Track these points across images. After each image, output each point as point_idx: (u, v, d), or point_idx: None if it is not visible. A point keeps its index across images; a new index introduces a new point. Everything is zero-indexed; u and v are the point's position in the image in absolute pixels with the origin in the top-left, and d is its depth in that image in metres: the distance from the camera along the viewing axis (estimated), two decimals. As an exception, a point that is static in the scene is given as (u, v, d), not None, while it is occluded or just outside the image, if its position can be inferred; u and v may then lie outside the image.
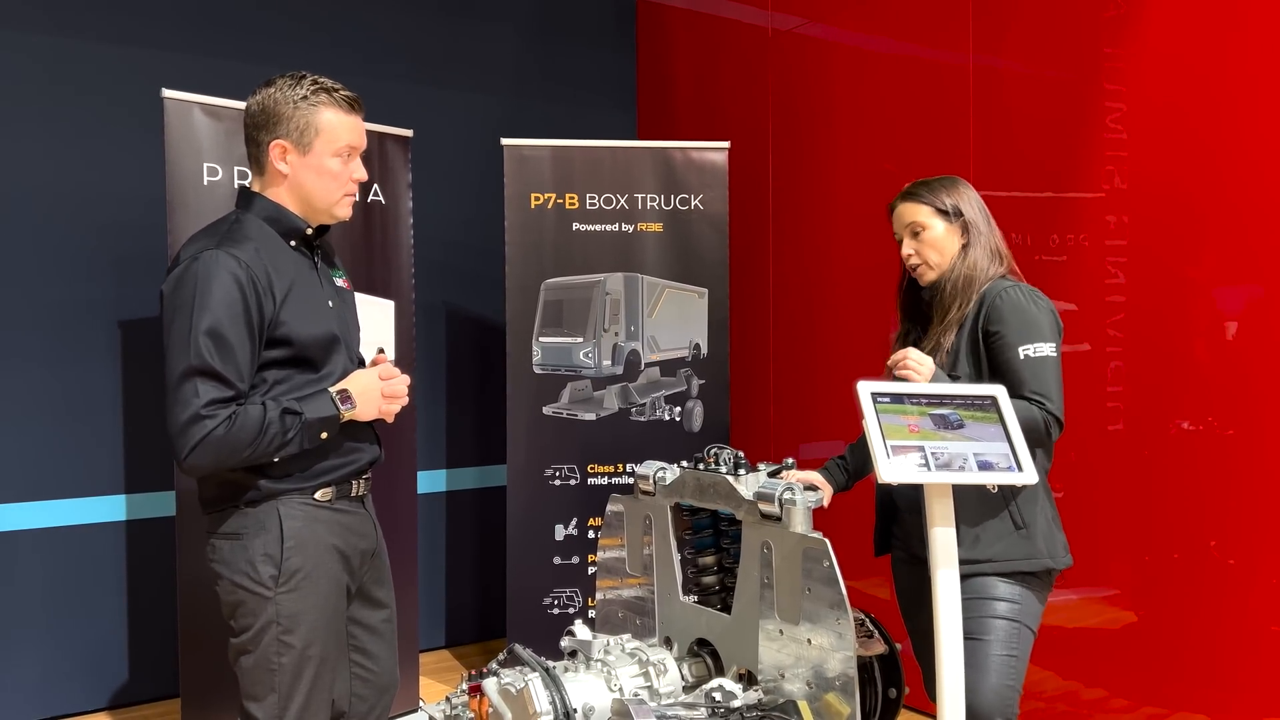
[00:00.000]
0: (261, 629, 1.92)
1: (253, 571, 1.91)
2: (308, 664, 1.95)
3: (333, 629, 2.00)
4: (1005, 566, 2.05)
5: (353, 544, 2.04)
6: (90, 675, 3.54)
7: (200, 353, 1.81)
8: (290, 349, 1.92)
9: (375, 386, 1.99)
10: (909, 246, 2.21)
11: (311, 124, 1.94)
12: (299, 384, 1.94)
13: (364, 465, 2.06)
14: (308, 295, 1.97)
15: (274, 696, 1.94)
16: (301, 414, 1.89)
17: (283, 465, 1.92)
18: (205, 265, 1.84)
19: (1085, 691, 3.03)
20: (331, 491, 1.99)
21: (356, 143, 2.00)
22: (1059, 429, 2.04)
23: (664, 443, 3.66)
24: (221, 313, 1.82)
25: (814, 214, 3.93)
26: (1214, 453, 2.72)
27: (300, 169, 1.96)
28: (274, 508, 1.92)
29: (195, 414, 1.81)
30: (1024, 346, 2.03)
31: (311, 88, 1.95)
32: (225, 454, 1.83)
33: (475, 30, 4.37)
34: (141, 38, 3.61)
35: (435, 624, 4.29)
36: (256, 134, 1.96)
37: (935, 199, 2.18)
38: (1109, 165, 2.97)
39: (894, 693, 2.08)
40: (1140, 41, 2.88)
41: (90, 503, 3.53)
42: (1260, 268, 2.63)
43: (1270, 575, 2.61)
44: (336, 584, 2.00)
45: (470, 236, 4.27)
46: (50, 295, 3.46)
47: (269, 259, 1.91)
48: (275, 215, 1.97)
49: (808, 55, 3.95)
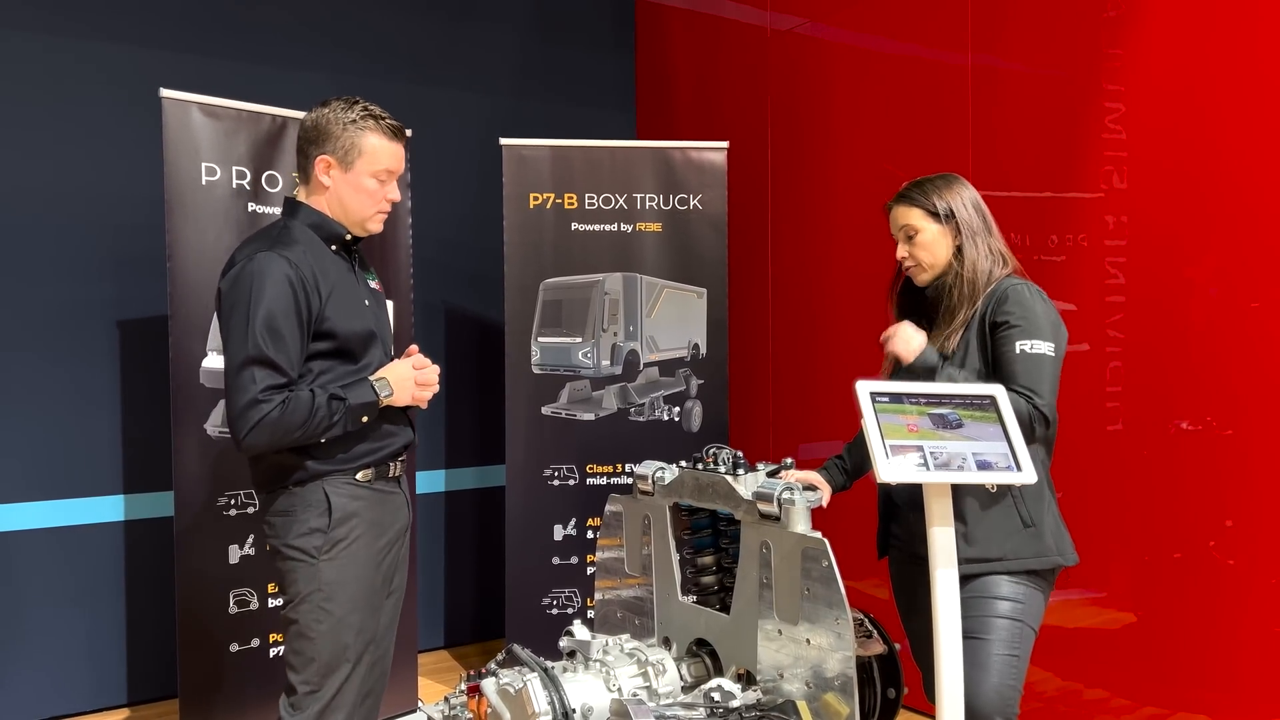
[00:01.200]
0: (305, 596, 2.08)
1: (302, 542, 2.08)
2: (344, 632, 2.09)
3: (370, 603, 2.14)
4: (1016, 565, 2.04)
5: (389, 522, 2.20)
6: (89, 676, 3.54)
7: (257, 343, 2.00)
8: (334, 342, 2.11)
9: (410, 375, 2.18)
10: (903, 249, 2.23)
11: (356, 145, 2.14)
12: (341, 374, 2.12)
13: (400, 448, 2.23)
14: (348, 294, 2.16)
15: (314, 665, 2.08)
16: (346, 399, 2.07)
17: (328, 448, 2.09)
18: (260, 265, 2.03)
19: (1086, 692, 3.03)
20: (371, 473, 2.16)
21: (395, 167, 2.20)
22: (1045, 426, 2.03)
23: (663, 443, 3.66)
24: (275, 307, 2.01)
25: (813, 214, 3.93)
26: (1213, 453, 2.72)
27: (341, 184, 2.16)
28: (320, 486, 2.10)
29: (253, 398, 1.99)
30: (1022, 341, 2.04)
31: (361, 113, 2.15)
32: (279, 435, 2.01)
33: (474, 30, 4.37)
34: (140, 37, 3.60)
35: (434, 624, 4.29)
36: (307, 147, 2.16)
37: (927, 201, 2.19)
38: (1108, 165, 2.97)
39: (893, 693, 2.08)
40: (1140, 42, 2.88)
41: (89, 503, 3.53)
42: (1260, 268, 2.62)
43: (1269, 575, 2.61)
44: (375, 561, 2.15)
45: (469, 236, 4.27)
46: (48, 295, 3.46)
47: (315, 261, 2.10)
48: (319, 222, 2.17)
49: (807, 55, 3.94)
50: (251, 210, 3.10)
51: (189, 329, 2.98)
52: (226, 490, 3.07)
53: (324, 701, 2.07)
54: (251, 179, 3.10)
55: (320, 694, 2.07)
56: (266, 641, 3.16)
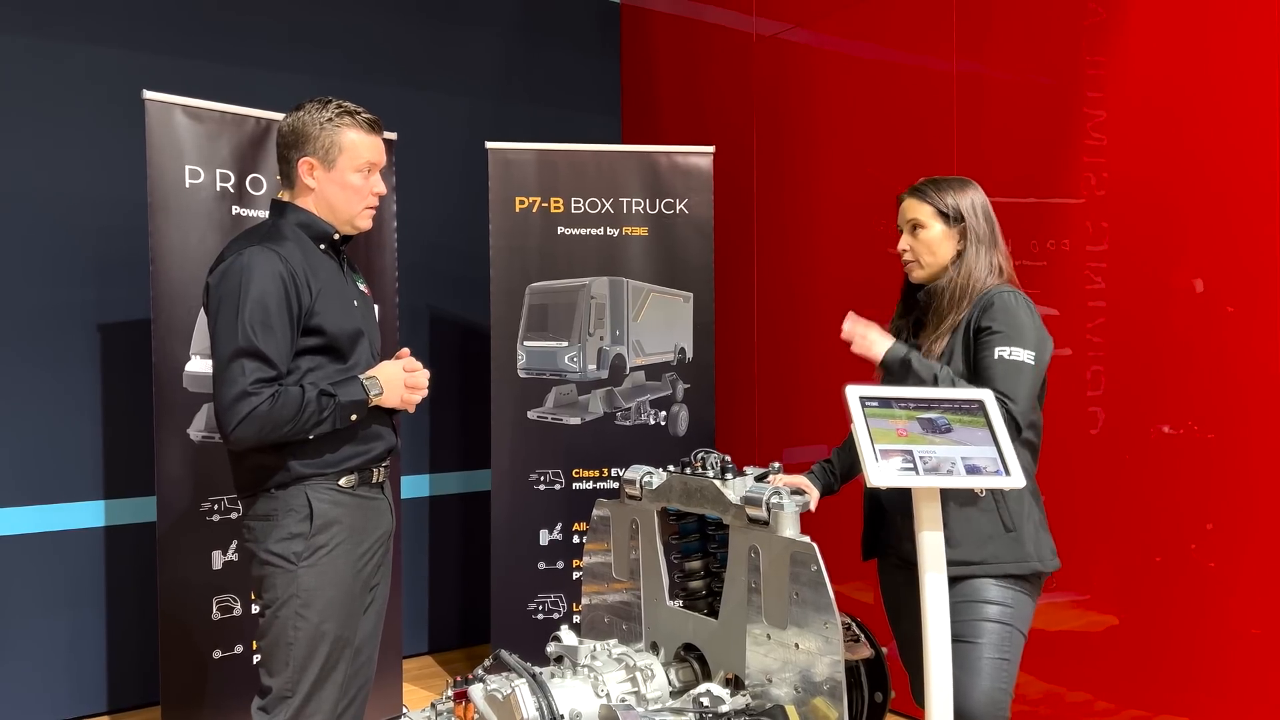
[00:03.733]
0: (283, 602, 2.07)
1: (281, 548, 2.07)
2: (322, 641, 2.08)
3: (348, 610, 2.13)
4: (995, 569, 2.05)
5: (370, 528, 2.18)
6: (70, 682, 3.50)
7: (248, 334, 1.99)
8: (323, 338, 2.10)
9: (400, 377, 2.17)
10: (905, 241, 2.23)
11: (336, 143, 2.14)
12: (330, 372, 2.11)
13: (383, 452, 2.22)
14: (338, 292, 2.16)
15: (288, 670, 2.06)
16: (336, 396, 2.06)
17: (313, 449, 2.08)
18: (250, 259, 2.03)
19: (1069, 695, 3.05)
20: (355, 478, 2.15)
21: (376, 159, 2.19)
22: (1016, 431, 2.02)
23: (649, 447, 3.66)
24: (266, 301, 2.01)
25: (798, 218, 3.94)
26: (1194, 457, 2.74)
27: (326, 183, 2.15)
28: (302, 491, 2.08)
29: (242, 391, 1.98)
30: (1001, 348, 2.04)
31: (336, 110, 2.15)
32: (268, 429, 2.00)
33: (460, 34, 4.36)
34: (122, 39, 3.58)
35: (418, 630, 4.27)
36: (287, 152, 2.17)
37: (940, 200, 2.18)
38: (1088, 171, 2.99)
39: (880, 697, 2.09)
40: (1120, 49, 2.91)
41: (69, 508, 3.49)
42: (1239, 273, 2.65)
43: (1250, 578, 2.63)
44: (355, 569, 2.14)
45: (454, 240, 4.26)
46: (30, 298, 3.42)
47: (305, 258, 2.10)
48: (307, 221, 2.17)
49: (792, 60, 3.96)
50: (235, 213, 3.08)
51: (172, 332, 2.96)
52: (210, 495, 3.04)
53: (295, 708, 2.06)
54: (235, 182, 3.09)
55: (292, 700, 2.07)
56: (250, 648, 3.13)
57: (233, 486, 2.19)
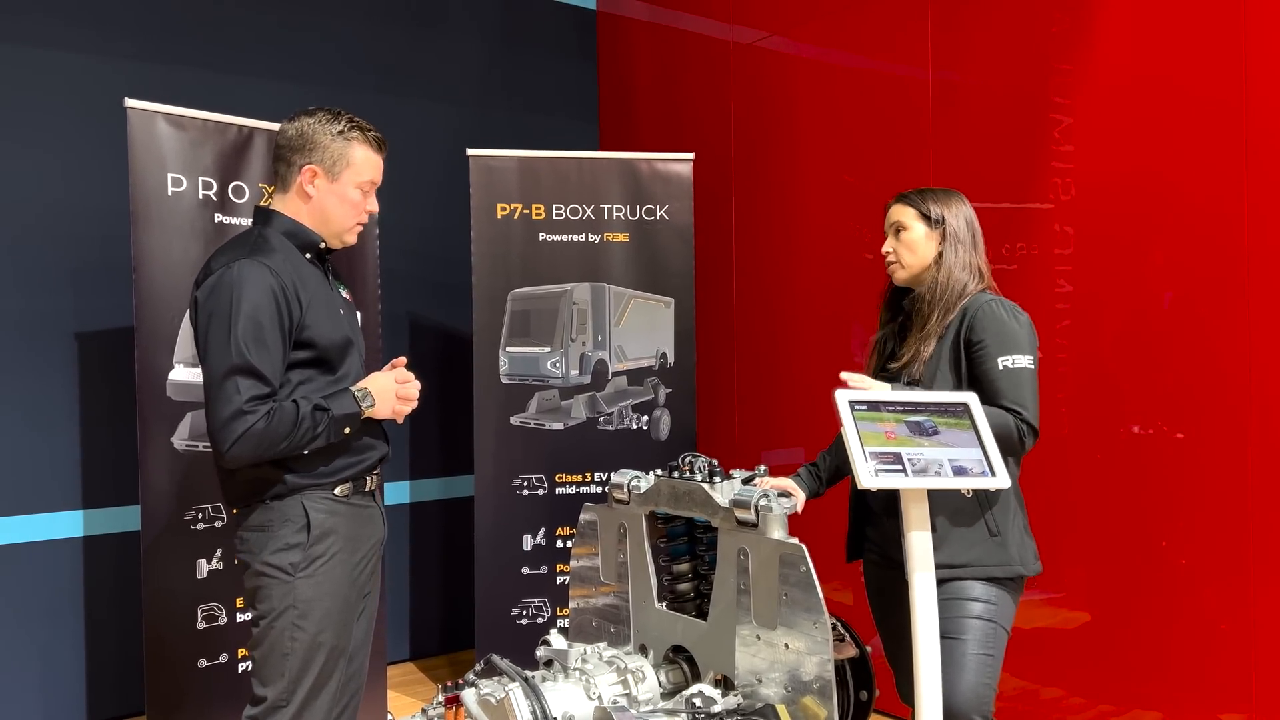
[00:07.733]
0: (280, 613, 2.05)
1: (278, 558, 2.05)
2: (318, 651, 2.08)
3: (344, 619, 2.13)
4: (980, 572, 2.10)
5: (365, 537, 2.19)
6: (51, 693, 3.46)
7: (241, 351, 1.97)
8: (313, 351, 2.09)
9: (392, 388, 2.17)
10: (889, 244, 2.30)
11: (344, 156, 2.14)
12: (321, 385, 2.10)
13: (375, 461, 2.23)
14: (326, 303, 2.15)
15: (283, 680, 2.06)
16: (330, 410, 2.05)
17: (308, 461, 2.07)
18: (240, 273, 2.01)
19: (1043, 691, 3.11)
20: (349, 487, 2.14)
21: (377, 179, 2.22)
22: (1034, 437, 2.11)
23: (631, 451, 3.69)
24: (258, 316, 1.99)
25: (776, 223, 3.99)
26: (1164, 456, 2.81)
27: (326, 193, 2.15)
28: (298, 501, 2.07)
29: (238, 409, 1.96)
30: (1003, 358, 2.10)
31: (348, 124, 2.15)
32: (265, 447, 1.98)
33: (440, 41, 4.37)
34: (104, 47, 3.56)
35: (399, 636, 4.26)
36: (290, 155, 2.14)
37: (923, 204, 2.26)
38: (1056, 177, 3.06)
39: (865, 695, 2.13)
40: (1087, 55, 2.97)
41: (47, 519, 3.46)
42: (1203, 276, 2.72)
43: (1220, 574, 2.70)
44: (351, 577, 2.14)
45: (436, 247, 4.26)
46: (7, 306, 3.39)
47: (294, 269, 2.09)
48: (294, 230, 2.15)
49: (770, 69, 4.01)
50: (218, 221, 3.07)
51: (155, 341, 2.95)
52: (194, 504, 3.03)
53: (289, 717, 2.06)
54: (218, 189, 3.08)
55: (287, 709, 2.06)
56: (235, 657, 3.12)
57: (219, 496, 2.17)
